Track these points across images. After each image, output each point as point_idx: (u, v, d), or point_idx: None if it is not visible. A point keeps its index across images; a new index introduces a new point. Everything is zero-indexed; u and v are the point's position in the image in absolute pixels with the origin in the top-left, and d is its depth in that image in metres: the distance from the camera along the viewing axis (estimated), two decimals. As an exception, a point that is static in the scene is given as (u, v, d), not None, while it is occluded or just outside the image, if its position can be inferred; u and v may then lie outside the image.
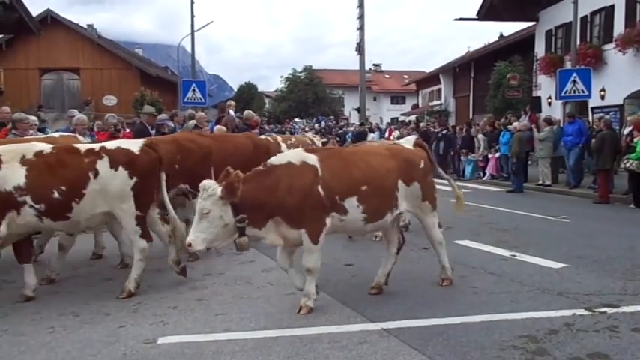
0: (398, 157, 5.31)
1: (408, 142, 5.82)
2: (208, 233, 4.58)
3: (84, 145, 5.72)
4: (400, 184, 5.22)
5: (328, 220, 4.83)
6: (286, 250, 5.03)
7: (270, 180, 4.73)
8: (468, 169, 18.06)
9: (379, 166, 5.13)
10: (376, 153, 5.39)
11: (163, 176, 5.79)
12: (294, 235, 4.80)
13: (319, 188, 4.75)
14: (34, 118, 9.64)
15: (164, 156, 5.95)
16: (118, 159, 5.39)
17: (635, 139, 11.26)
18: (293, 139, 10.46)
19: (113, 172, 5.33)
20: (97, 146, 5.60)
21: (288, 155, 5.02)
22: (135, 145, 5.63)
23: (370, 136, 24.45)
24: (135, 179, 5.40)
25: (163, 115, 11.42)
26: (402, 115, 46.85)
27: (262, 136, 10.38)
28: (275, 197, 4.67)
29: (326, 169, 4.84)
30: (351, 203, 4.91)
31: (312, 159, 4.87)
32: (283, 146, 9.21)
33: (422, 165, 5.43)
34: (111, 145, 5.59)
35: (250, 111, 13.42)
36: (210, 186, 4.58)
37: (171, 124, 11.31)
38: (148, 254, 5.63)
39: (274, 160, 4.93)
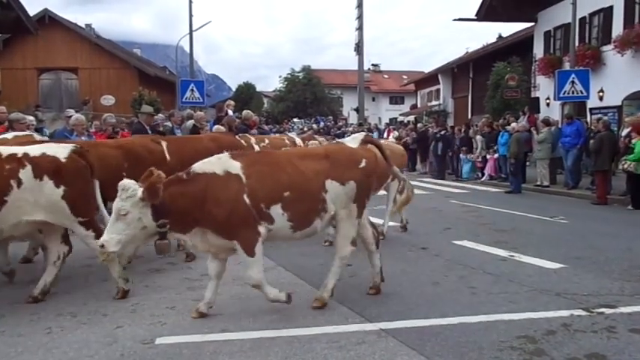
0: (331, 156, 4.96)
1: (354, 140, 5.48)
2: (124, 235, 4.41)
3: (5, 149, 5.17)
4: (330, 184, 4.82)
5: (262, 229, 4.61)
6: (217, 259, 4.83)
7: (194, 188, 4.51)
8: (466, 169, 18.06)
9: (307, 168, 4.80)
10: (309, 154, 5.13)
11: (96, 183, 5.44)
12: (223, 243, 4.63)
13: (245, 197, 4.54)
14: (31, 118, 9.64)
15: (110, 162, 5.82)
16: (43, 167, 5.02)
17: (633, 141, 11.27)
18: (267, 140, 9.87)
19: (38, 182, 4.98)
20: (20, 151, 5.10)
21: (211, 163, 4.69)
22: (62, 152, 5.23)
23: (369, 136, 24.44)
24: (63, 188, 5.05)
25: (160, 115, 11.41)
26: (400, 115, 46.92)
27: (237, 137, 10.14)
28: (200, 208, 4.47)
29: (250, 176, 4.60)
30: (276, 211, 4.65)
31: (236, 167, 4.61)
32: (256, 148, 8.88)
33: (363, 164, 4.99)
34: (35, 151, 5.16)
35: (249, 111, 13.41)
36: (131, 186, 4.39)
37: (168, 123, 11.31)
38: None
39: (197, 167, 4.65)
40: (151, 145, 6.91)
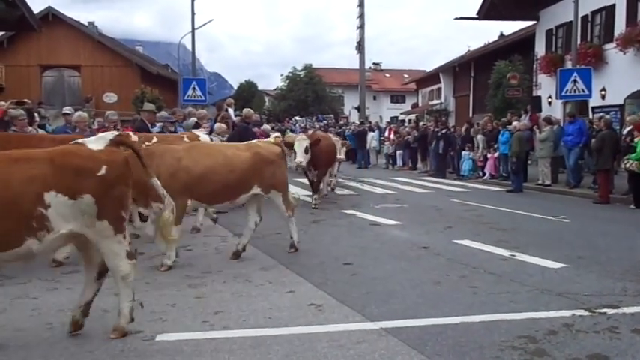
0: (57, 162, 3.96)
1: (100, 140, 4.39)
2: None
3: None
4: (54, 198, 3.86)
5: None
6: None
7: None
8: (466, 167, 18.03)
9: (14, 176, 3.82)
10: (24, 158, 4.00)
11: None
12: None
13: None
14: (21, 111, 9.63)
15: None
16: None
17: (635, 139, 11.25)
18: (155, 139, 8.35)
19: None
20: None
21: None
22: None
23: (370, 134, 24.44)
24: None
25: (164, 113, 11.40)
26: (401, 114, 46.93)
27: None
28: None
29: None
30: None
31: None
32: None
33: (103, 171, 4.02)
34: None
35: (249, 109, 13.40)
36: None
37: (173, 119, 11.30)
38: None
39: None
40: None
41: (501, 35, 35.21)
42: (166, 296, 5.33)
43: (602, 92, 18.58)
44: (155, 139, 8.23)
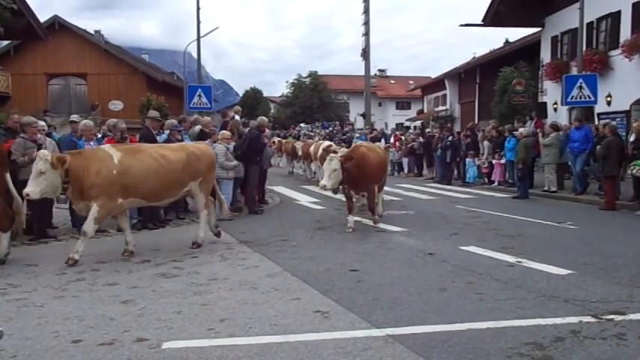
0: None
1: None
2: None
3: None
4: None
5: None
6: None
7: None
8: (470, 173, 17.98)
9: None
10: None
11: None
12: None
13: None
14: (42, 122, 9.73)
15: None
16: None
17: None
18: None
19: None
20: None
21: None
22: None
23: (382, 141, 24.36)
24: None
25: (173, 121, 11.44)
26: (407, 120, 46.96)
27: None
28: None
29: None
30: None
31: None
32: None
33: None
34: None
35: (264, 117, 13.36)
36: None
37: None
38: None
39: None
40: None
41: (507, 42, 35.23)
42: (172, 304, 5.33)
43: (608, 99, 18.53)
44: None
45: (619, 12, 18.79)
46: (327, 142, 12.52)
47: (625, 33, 18.33)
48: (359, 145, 11.05)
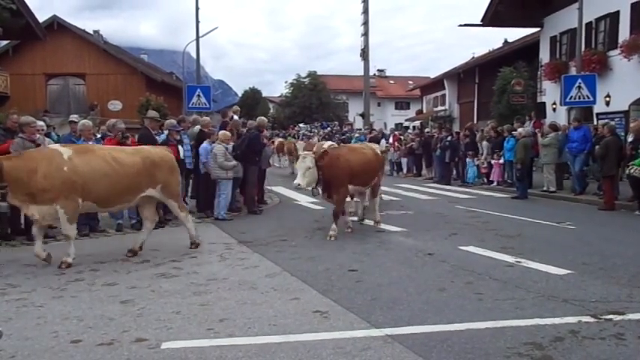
0: None
1: None
2: None
3: None
4: None
5: None
6: None
7: None
8: (470, 173, 17.99)
9: None
10: None
11: None
12: None
13: None
14: (41, 122, 9.71)
15: None
16: None
17: (640, 147, 11.20)
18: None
19: None
20: None
21: None
22: None
23: (382, 141, 24.33)
24: None
25: (172, 121, 11.44)
26: (406, 120, 47.00)
27: None
28: None
29: None
30: None
31: None
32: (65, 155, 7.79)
33: None
34: None
35: (264, 118, 13.39)
36: None
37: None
38: None
39: None
40: None
41: (505, 42, 35.25)
42: (171, 304, 5.33)
43: (607, 99, 18.54)
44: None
45: (618, 12, 18.79)
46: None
47: (624, 33, 18.33)
48: (343, 146, 10.83)
